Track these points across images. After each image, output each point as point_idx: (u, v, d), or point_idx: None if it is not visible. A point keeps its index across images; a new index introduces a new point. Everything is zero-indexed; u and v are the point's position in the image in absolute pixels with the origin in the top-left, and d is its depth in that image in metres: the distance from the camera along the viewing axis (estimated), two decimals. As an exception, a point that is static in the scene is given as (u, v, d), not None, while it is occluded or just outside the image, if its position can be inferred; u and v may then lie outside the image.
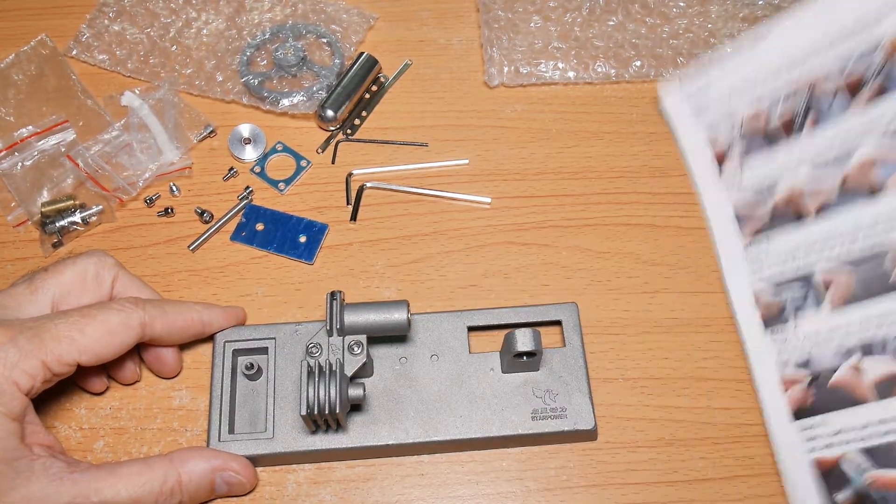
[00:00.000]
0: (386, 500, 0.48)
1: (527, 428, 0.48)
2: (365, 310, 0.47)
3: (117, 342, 0.45)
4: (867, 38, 0.49)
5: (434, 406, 0.49)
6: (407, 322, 0.47)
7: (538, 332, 0.47)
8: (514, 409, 0.48)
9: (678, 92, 0.59)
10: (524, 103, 0.62)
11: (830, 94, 0.51)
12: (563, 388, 0.49)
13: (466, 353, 0.50)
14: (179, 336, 0.49)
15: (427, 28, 0.66)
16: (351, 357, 0.46)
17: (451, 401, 0.49)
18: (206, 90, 0.63)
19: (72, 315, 0.44)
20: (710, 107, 0.57)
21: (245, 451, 0.47)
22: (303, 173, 0.60)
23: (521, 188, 0.59)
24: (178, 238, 0.57)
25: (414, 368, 0.50)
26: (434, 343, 0.51)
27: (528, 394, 0.49)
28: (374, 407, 0.49)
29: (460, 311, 0.52)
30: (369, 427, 0.48)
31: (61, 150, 0.59)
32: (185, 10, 0.66)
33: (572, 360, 0.50)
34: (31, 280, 0.47)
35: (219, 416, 0.48)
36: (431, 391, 0.49)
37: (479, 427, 0.48)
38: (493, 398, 0.49)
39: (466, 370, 0.50)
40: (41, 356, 0.42)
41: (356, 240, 0.57)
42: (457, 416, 0.48)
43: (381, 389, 0.50)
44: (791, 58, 0.54)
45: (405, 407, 0.49)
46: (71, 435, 0.50)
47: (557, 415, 0.48)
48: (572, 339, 0.51)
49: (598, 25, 0.65)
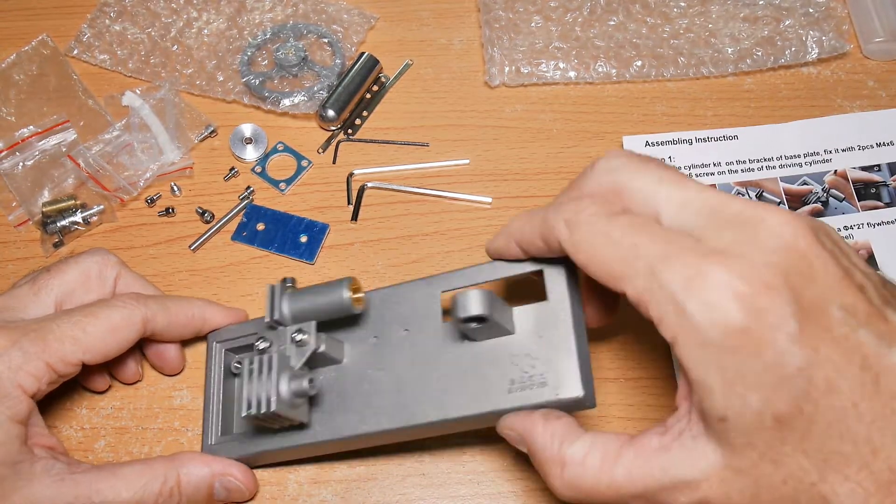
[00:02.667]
0: (387, 500, 0.48)
1: (503, 403, 0.40)
2: (305, 294, 0.44)
3: (120, 339, 0.45)
4: (815, 168, 0.58)
5: (408, 387, 0.43)
6: (349, 300, 0.42)
7: (490, 293, 0.39)
8: (489, 381, 0.40)
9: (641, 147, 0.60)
10: (525, 103, 0.62)
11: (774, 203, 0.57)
12: (543, 349, 0.40)
13: (440, 323, 0.43)
14: (181, 332, 0.49)
15: (428, 28, 0.66)
16: (297, 349, 0.43)
17: (425, 379, 0.42)
18: (207, 90, 0.63)
19: (74, 314, 0.44)
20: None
21: (236, 453, 0.46)
22: (304, 173, 0.60)
23: (521, 188, 0.59)
24: (179, 238, 0.57)
25: (384, 347, 0.45)
26: (406, 316, 0.45)
27: (505, 361, 0.40)
28: (349, 395, 0.44)
29: (431, 276, 0.45)
30: (339, 417, 0.44)
31: (62, 149, 0.59)
32: (186, 9, 0.66)
33: (555, 314, 0.40)
34: (34, 281, 0.47)
35: (211, 417, 0.48)
36: (402, 370, 0.43)
37: (455, 406, 0.41)
38: (469, 371, 0.41)
39: (440, 342, 0.43)
40: (45, 357, 0.42)
41: (357, 240, 0.57)
42: (431, 397, 0.42)
43: (353, 374, 0.45)
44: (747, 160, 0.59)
45: (379, 391, 0.43)
46: (72, 435, 0.50)
47: (536, 383, 0.39)
48: (556, 289, 0.41)
49: (598, 25, 0.65)
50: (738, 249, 0.32)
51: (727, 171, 0.59)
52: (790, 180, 0.58)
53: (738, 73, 0.63)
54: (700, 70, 0.62)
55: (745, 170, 0.59)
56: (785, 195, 0.58)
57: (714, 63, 0.62)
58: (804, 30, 0.63)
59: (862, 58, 0.64)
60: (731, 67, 0.62)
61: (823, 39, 0.63)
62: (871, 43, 0.63)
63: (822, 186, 0.58)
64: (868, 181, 0.58)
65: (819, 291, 0.32)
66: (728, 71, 0.62)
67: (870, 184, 0.58)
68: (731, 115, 0.61)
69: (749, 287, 0.31)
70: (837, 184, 0.58)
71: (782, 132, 0.60)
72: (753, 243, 0.32)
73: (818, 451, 0.31)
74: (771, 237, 0.32)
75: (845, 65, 0.63)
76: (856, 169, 0.58)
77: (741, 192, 0.58)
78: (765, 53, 0.62)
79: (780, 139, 0.60)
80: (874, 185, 0.58)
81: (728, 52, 0.63)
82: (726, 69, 0.62)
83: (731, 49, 0.63)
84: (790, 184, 0.58)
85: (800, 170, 0.59)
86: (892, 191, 0.58)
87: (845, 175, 0.58)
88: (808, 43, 0.63)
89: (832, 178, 0.58)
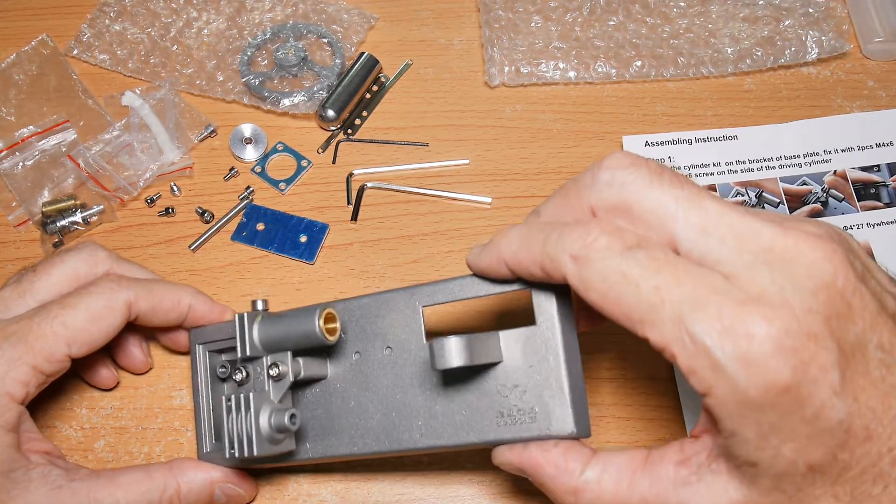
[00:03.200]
0: (386, 500, 0.48)
1: (492, 434, 0.38)
2: (276, 322, 0.42)
3: (105, 326, 0.43)
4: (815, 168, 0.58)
5: (392, 410, 0.42)
6: (320, 332, 0.40)
7: (470, 337, 0.37)
8: (477, 411, 0.39)
9: (641, 148, 0.60)
10: (525, 103, 0.62)
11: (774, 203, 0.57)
12: (532, 380, 0.37)
13: (422, 342, 0.41)
14: (166, 316, 0.47)
15: (428, 28, 0.66)
16: (274, 383, 0.42)
17: (411, 404, 0.41)
18: (207, 90, 0.63)
19: (52, 308, 0.42)
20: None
21: (231, 461, 0.45)
22: (303, 173, 0.60)
23: (521, 188, 0.59)
24: (179, 238, 0.57)
25: (367, 365, 0.43)
26: (387, 331, 0.43)
27: (492, 391, 0.38)
28: (335, 414, 0.44)
29: (412, 286, 0.42)
30: (328, 438, 0.44)
31: (62, 149, 0.59)
32: (185, 9, 0.66)
33: (545, 342, 0.37)
34: (19, 282, 0.45)
35: (202, 425, 0.47)
36: (387, 392, 0.42)
37: (441, 435, 0.40)
38: (455, 398, 0.39)
39: (423, 363, 0.41)
40: (30, 360, 0.41)
41: (357, 240, 0.57)
42: (416, 423, 0.41)
43: (338, 392, 0.44)
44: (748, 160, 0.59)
45: (363, 412, 0.43)
46: (72, 434, 0.50)
47: (525, 418, 0.37)
48: (545, 315, 0.37)
49: (598, 25, 0.65)
50: (777, 295, 0.30)
51: (727, 171, 0.59)
52: (790, 180, 0.58)
53: (738, 73, 0.63)
54: (700, 70, 0.62)
55: (745, 170, 0.59)
56: (785, 195, 0.58)
57: (714, 63, 0.62)
58: (804, 30, 0.63)
59: (862, 58, 0.64)
60: (730, 67, 0.62)
61: (823, 39, 0.63)
62: (871, 43, 0.63)
63: (822, 186, 0.58)
64: (867, 181, 0.58)
65: (858, 331, 0.30)
66: (728, 71, 0.62)
67: (869, 184, 0.58)
68: (731, 115, 0.61)
69: (793, 340, 0.29)
70: (837, 184, 0.58)
71: (782, 132, 0.60)
72: (792, 286, 0.30)
73: (849, 493, 0.30)
74: (810, 278, 0.30)
75: (845, 65, 0.63)
76: (855, 169, 0.58)
77: (741, 192, 0.58)
78: (765, 53, 0.62)
79: (779, 139, 0.60)
80: (874, 185, 0.58)
81: (728, 52, 0.63)
82: (726, 69, 0.62)
83: (730, 49, 0.63)
84: (790, 184, 0.58)
85: (799, 170, 0.59)
86: (892, 191, 0.58)
87: (845, 175, 0.58)
88: (808, 43, 0.63)
89: (832, 179, 0.58)
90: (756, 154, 0.59)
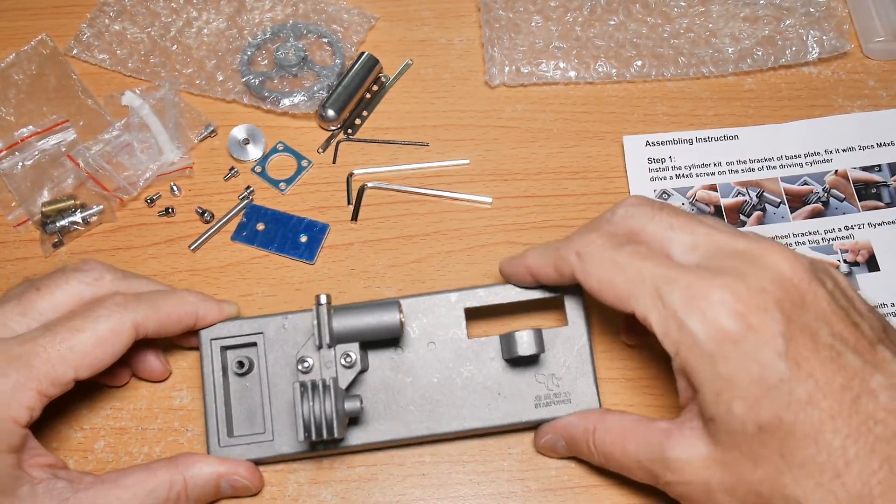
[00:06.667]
0: (387, 500, 0.48)
1: (531, 415, 0.47)
2: (353, 315, 0.45)
3: (111, 349, 0.43)
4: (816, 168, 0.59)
5: (434, 398, 0.47)
6: (400, 325, 0.45)
7: (539, 331, 0.46)
8: (517, 396, 0.47)
9: (641, 147, 0.60)
10: (525, 103, 0.62)
11: (775, 202, 0.58)
12: (566, 371, 0.47)
13: (465, 339, 0.48)
14: (174, 330, 0.47)
15: (428, 28, 0.66)
16: (344, 370, 0.45)
17: (451, 391, 0.47)
18: (207, 90, 0.63)
19: (58, 331, 0.42)
20: (667, 168, 0.59)
21: (246, 455, 0.46)
22: (303, 173, 0.60)
23: (521, 188, 0.59)
24: (179, 238, 0.57)
25: (410, 358, 0.48)
26: (430, 329, 0.49)
27: (531, 380, 0.47)
28: (372, 402, 0.48)
29: (456, 290, 0.49)
30: (369, 425, 0.47)
31: (62, 149, 0.59)
32: (185, 9, 0.66)
33: (575, 340, 0.48)
34: (21, 298, 0.44)
35: (216, 420, 0.47)
36: (430, 382, 0.48)
37: (482, 417, 0.47)
38: (495, 386, 0.47)
39: (466, 357, 0.48)
40: (35, 386, 0.41)
41: (357, 240, 0.57)
42: (458, 407, 0.47)
43: (379, 382, 0.48)
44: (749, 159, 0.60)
45: (404, 400, 0.47)
46: (72, 435, 0.50)
47: (562, 400, 0.47)
48: (575, 317, 0.48)
49: (599, 25, 0.65)
50: (738, 275, 0.36)
51: (728, 170, 0.59)
52: (791, 180, 0.58)
53: (739, 72, 0.63)
54: (700, 70, 0.62)
55: (746, 170, 0.59)
56: (785, 195, 0.58)
57: (714, 63, 0.62)
58: (805, 29, 0.63)
59: (862, 57, 0.64)
60: (731, 67, 0.62)
61: (824, 39, 0.63)
62: (872, 42, 0.63)
63: (823, 186, 0.58)
64: (869, 181, 0.58)
65: (810, 319, 0.36)
66: (728, 71, 0.62)
67: (870, 184, 0.58)
68: (732, 115, 0.61)
69: (744, 307, 0.35)
70: (838, 184, 0.58)
71: (783, 132, 0.60)
72: (752, 272, 0.36)
73: (795, 456, 0.34)
74: (769, 269, 0.36)
75: (846, 64, 0.63)
76: (856, 169, 0.58)
77: (742, 191, 0.58)
78: (765, 53, 0.62)
79: (780, 139, 0.60)
80: (875, 185, 0.58)
81: (728, 51, 0.63)
82: (727, 69, 0.62)
83: (731, 49, 0.63)
84: (791, 184, 0.58)
85: (800, 170, 0.59)
86: (893, 191, 0.57)
87: (846, 175, 0.58)
88: (809, 42, 0.63)
89: (833, 178, 0.58)
90: (757, 154, 0.59)
